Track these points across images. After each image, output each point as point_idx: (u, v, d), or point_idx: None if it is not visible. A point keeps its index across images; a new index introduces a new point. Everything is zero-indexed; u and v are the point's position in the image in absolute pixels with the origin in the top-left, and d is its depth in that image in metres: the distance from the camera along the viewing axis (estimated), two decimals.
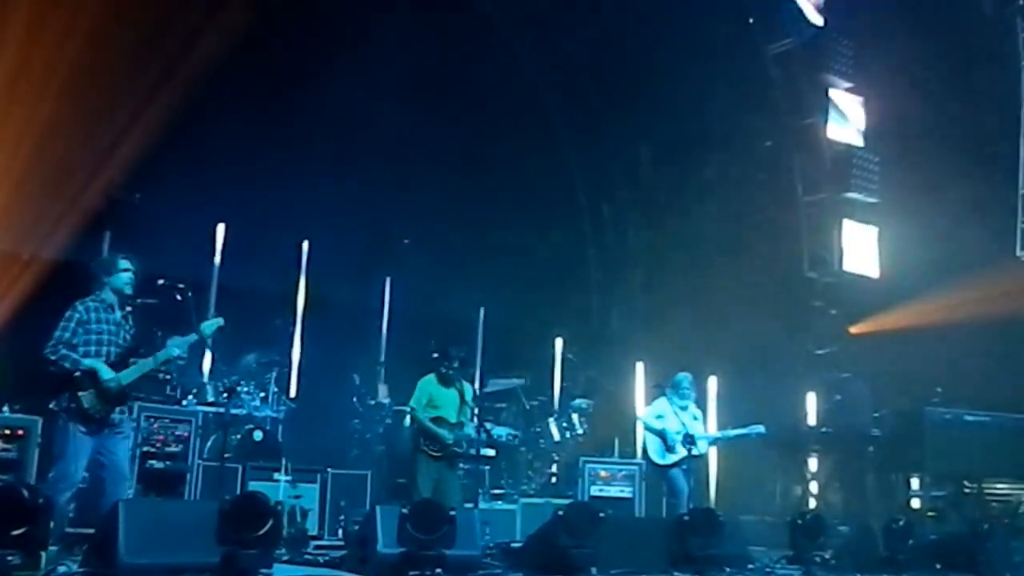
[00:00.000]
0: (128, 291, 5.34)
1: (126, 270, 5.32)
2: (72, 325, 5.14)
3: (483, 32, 11.47)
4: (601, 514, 6.08)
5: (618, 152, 12.51)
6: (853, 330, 10.75)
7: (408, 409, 7.02)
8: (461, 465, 7.72)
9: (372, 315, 9.88)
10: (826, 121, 11.10)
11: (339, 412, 8.51)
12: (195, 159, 9.04)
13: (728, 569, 6.42)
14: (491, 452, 8.03)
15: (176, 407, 7.12)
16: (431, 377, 6.94)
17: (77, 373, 5.05)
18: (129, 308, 5.37)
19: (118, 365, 5.17)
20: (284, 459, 7.30)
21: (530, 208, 11.01)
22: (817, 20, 11.00)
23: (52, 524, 4.77)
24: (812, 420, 10.39)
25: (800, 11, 10.97)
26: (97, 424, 5.08)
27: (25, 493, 4.65)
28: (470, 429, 6.92)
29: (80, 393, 5.03)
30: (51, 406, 5.16)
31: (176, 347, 5.36)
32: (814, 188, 11.35)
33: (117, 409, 5.18)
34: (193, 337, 5.41)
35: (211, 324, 5.47)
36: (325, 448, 8.25)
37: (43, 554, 4.67)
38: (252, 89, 9.38)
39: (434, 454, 6.71)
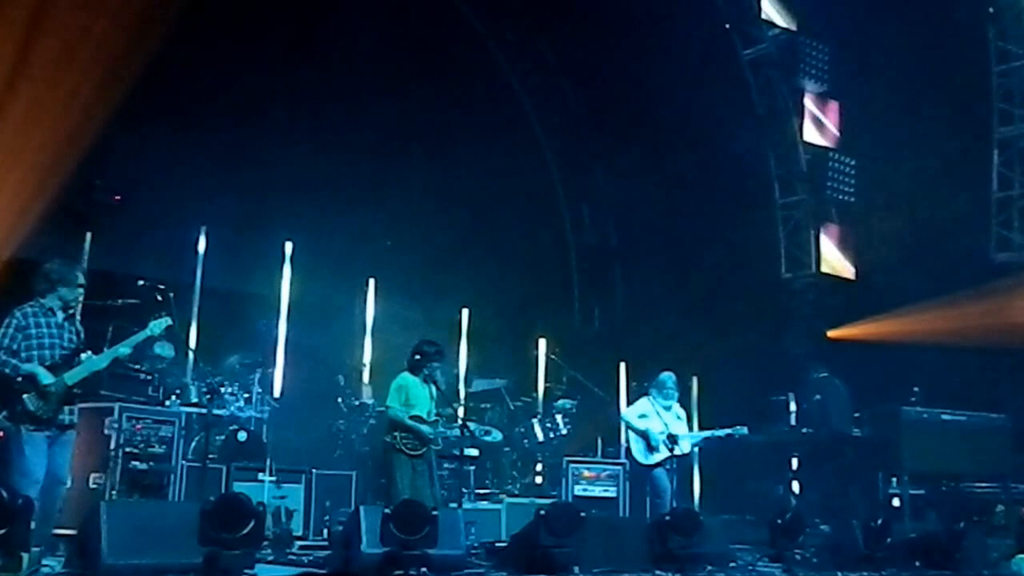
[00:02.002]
0: (75, 305, 5.46)
1: (81, 285, 5.45)
2: (11, 331, 5.24)
3: (463, 36, 11.54)
4: (582, 514, 6.14)
5: (597, 155, 12.62)
6: (831, 334, 10.90)
7: (386, 408, 7.03)
8: (446, 465, 7.76)
9: (355, 316, 9.89)
10: (801, 124, 11.28)
11: (323, 413, 8.51)
12: (177, 161, 9.02)
13: (709, 567, 6.47)
14: (475, 452, 8.06)
15: (159, 408, 7.09)
16: (407, 375, 6.96)
17: (19, 378, 5.17)
18: (72, 311, 5.45)
19: (63, 366, 5.27)
20: (268, 460, 7.30)
21: (512, 210, 11.09)
22: (792, 25, 11.22)
23: (33, 525, 4.77)
24: (793, 420, 10.50)
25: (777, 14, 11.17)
26: (46, 424, 5.19)
27: (4, 495, 4.64)
28: (442, 427, 6.97)
29: (24, 396, 5.15)
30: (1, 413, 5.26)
31: (125, 346, 5.46)
32: (790, 190, 11.54)
33: (66, 409, 5.28)
34: (142, 335, 5.50)
35: (160, 323, 5.54)
36: (309, 449, 8.25)
37: (25, 556, 4.66)
38: (234, 91, 9.37)
39: (411, 452, 6.74)
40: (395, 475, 6.66)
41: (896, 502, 9.41)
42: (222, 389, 7.40)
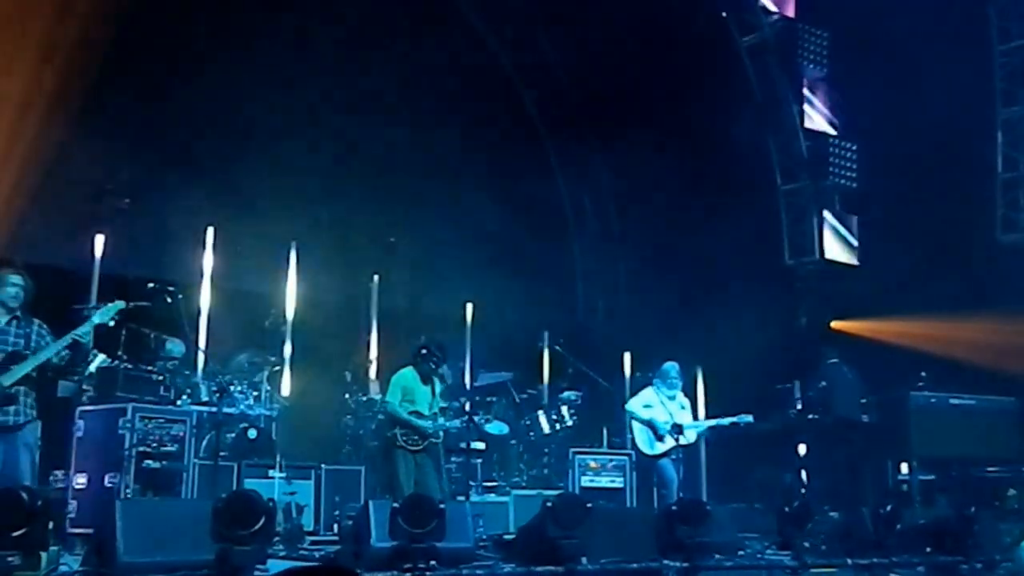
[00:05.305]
0: (12, 304, 5.49)
1: (14, 284, 5.49)
2: None
3: (463, 34, 11.57)
4: (589, 505, 6.17)
5: (598, 147, 12.62)
6: (835, 326, 10.89)
7: (384, 404, 7.11)
8: (453, 459, 7.84)
9: (361, 313, 9.97)
10: (802, 111, 11.24)
11: (331, 409, 8.60)
12: (184, 163, 9.11)
13: (717, 556, 6.49)
14: (481, 445, 8.13)
15: (171, 407, 7.17)
16: (408, 371, 7.02)
17: None
18: (17, 314, 5.49)
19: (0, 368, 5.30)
20: (278, 457, 7.38)
21: (514, 203, 11.12)
22: (789, 11, 11.18)
23: (52, 525, 4.89)
24: (800, 407, 10.50)
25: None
26: None
27: (24, 495, 4.75)
28: (443, 420, 7.04)
29: None
30: None
31: (71, 334, 5.48)
32: (792, 177, 11.51)
33: (11, 410, 5.31)
34: (88, 326, 5.54)
35: (109, 309, 5.59)
36: (318, 445, 8.34)
37: (43, 554, 4.77)
38: (237, 92, 9.44)
39: (412, 448, 6.81)
40: (397, 470, 6.75)
41: (905, 488, 9.39)
42: (232, 388, 7.47)
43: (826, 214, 11.32)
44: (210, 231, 8.76)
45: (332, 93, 9.93)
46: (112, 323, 5.71)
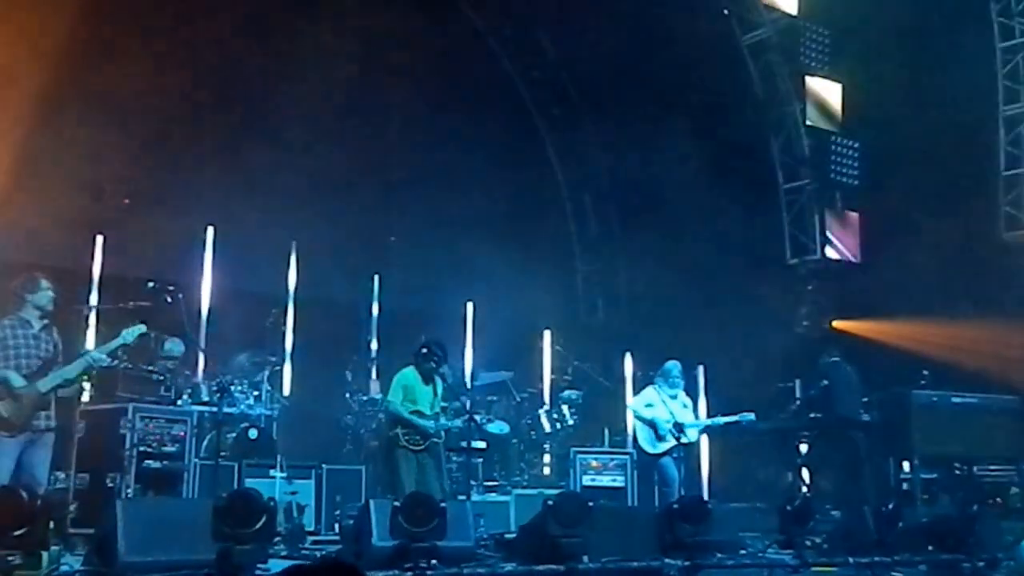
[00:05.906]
0: (49, 308, 5.65)
1: (48, 289, 5.65)
2: None
3: (462, 30, 11.58)
4: (590, 503, 6.18)
5: (598, 145, 12.62)
6: (836, 325, 10.88)
7: (386, 403, 7.12)
8: (454, 458, 7.85)
9: (361, 313, 9.98)
10: (804, 108, 11.23)
11: (332, 409, 8.60)
12: (183, 163, 9.12)
13: (719, 555, 6.48)
14: (482, 444, 8.13)
15: (171, 407, 7.18)
16: (409, 371, 7.03)
17: None
18: (47, 321, 5.64)
19: (37, 374, 5.45)
20: (279, 456, 7.39)
21: (514, 202, 11.12)
22: (792, 9, 11.16)
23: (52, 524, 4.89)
24: (801, 406, 10.48)
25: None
26: (19, 429, 5.36)
27: (24, 495, 4.76)
28: (444, 420, 7.05)
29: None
30: None
31: (99, 353, 5.68)
32: (794, 175, 11.50)
33: (42, 415, 5.45)
34: (116, 344, 5.72)
35: (133, 331, 5.75)
36: (319, 445, 8.35)
37: (44, 554, 4.78)
38: (237, 91, 9.45)
39: (414, 448, 6.82)
40: (399, 470, 6.75)
41: (907, 486, 9.37)
42: (232, 387, 7.48)
43: (827, 211, 11.30)
44: (210, 231, 8.76)
45: (331, 93, 9.93)
46: (133, 343, 5.89)
